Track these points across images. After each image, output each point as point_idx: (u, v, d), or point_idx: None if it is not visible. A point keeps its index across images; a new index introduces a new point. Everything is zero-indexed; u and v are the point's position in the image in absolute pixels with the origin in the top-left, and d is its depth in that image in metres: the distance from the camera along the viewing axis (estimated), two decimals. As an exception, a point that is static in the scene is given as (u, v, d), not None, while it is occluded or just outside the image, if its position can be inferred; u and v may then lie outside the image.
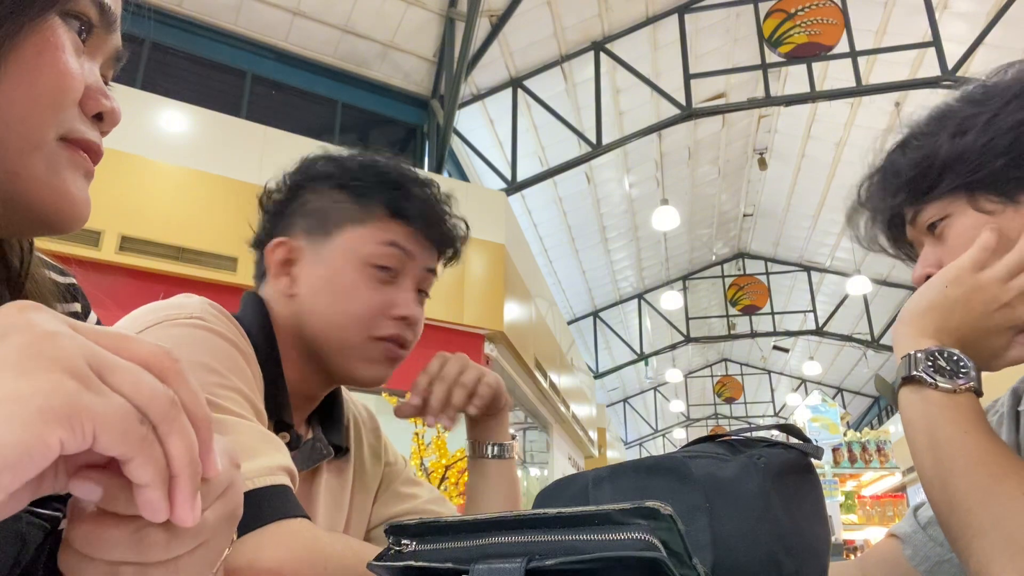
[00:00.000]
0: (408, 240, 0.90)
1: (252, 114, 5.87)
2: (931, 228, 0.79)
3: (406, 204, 0.90)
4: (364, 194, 0.89)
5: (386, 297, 0.88)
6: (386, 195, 0.89)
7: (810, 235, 11.80)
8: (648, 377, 14.64)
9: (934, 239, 0.79)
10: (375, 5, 6.22)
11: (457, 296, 5.23)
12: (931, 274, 0.77)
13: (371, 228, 0.88)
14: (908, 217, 0.82)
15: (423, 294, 0.96)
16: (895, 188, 0.82)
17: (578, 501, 0.63)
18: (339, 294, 0.86)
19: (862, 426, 16.87)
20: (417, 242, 0.92)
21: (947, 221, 0.77)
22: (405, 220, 0.90)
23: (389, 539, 0.52)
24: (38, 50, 0.41)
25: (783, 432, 0.74)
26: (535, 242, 9.60)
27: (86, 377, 0.28)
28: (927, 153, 0.78)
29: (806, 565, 0.58)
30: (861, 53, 6.66)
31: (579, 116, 7.95)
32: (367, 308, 0.87)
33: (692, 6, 7.40)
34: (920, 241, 0.83)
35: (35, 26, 0.41)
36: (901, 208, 0.83)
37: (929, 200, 0.78)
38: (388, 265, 0.88)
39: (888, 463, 7.34)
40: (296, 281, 0.88)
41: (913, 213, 0.81)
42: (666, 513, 0.42)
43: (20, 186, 0.42)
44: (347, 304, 0.86)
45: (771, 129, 9.95)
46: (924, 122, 0.83)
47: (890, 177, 0.84)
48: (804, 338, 13.97)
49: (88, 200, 0.47)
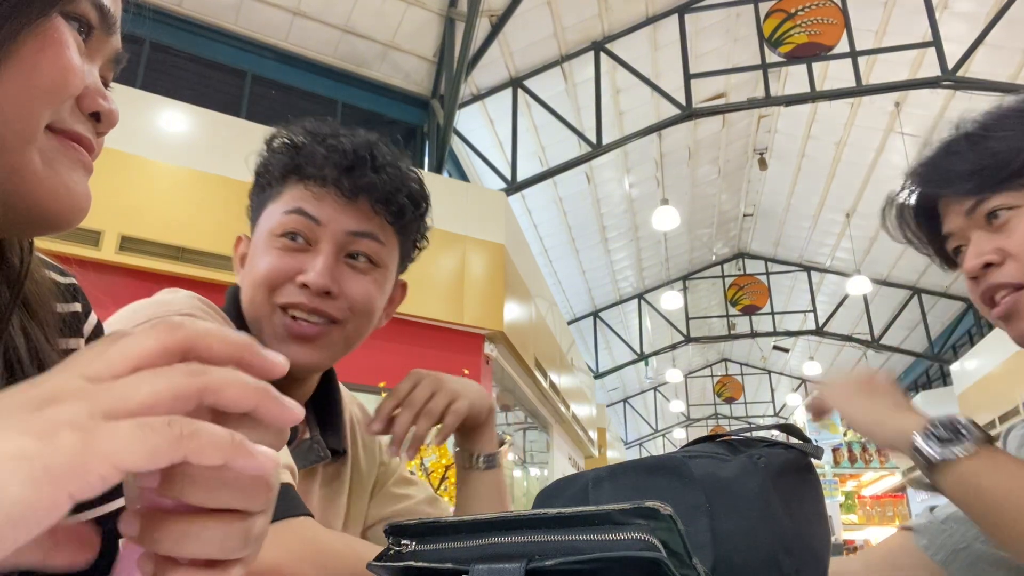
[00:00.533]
0: (318, 204, 0.82)
1: (252, 114, 5.87)
2: (990, 217, 0.79)
3: (308, 165, 0.83)
4: (270, 168, 0.85)
5: (293, 263, 0.82)
6: (287, 161, 0.84)
7: (810, 235, 11.80)
8: (648, 377, 14.63)
9: (990, 229, 0.80)
10: (375, 5, 6.22)
11: (457, 296, 5.23)
12: (991, 262, 0.79)
13: (281, 200, 0.84)
14: (965, 207, 0.81)
15: (362, 260, 0.86)
16: (957, 176, 0.82)
17: (578, 501, 0.63)
18: (252, 271, 0.84)
19: (862, 426, 16.86)
20: (330, 204, 0.82)
21: (1016, 212, 0.78)
22: (311, 181, 0.82)
23: (389, 539, 0.52)
24: (40, 47, 0.41)
25: (783, 432, 0.74)
26: (535, 242, 9.60)
27: (87, 426, 0.27)
28: (1012, 144, 0.78)
29: (806, 565, 0.58)
30: (861, 53, 6.65)
31: (579, 116, 7.95)
32: (267, 272, 0.82)
33: (692, 6, 7.40)
34: (964, 234, 0.83)
35: (36, 26, 0.41)
36: (955, 194, 0.82)
37: (1000, 190, 0.78)
38: (294, 230, 0.82)
39: (888, 463, 7.35)
40: (244, 269, 0.88)
41: (974, 202, 0.80)
42: (666, 513, 0.42)
43: (18, 182, 0.42)
44: (254, 276, 0.83)
45: (771, 129, 9.95)
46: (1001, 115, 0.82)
47: (953, 164, 0.83)
48: (804, 338, 13.97)
49: (88, 193, 0.46)
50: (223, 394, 0.30)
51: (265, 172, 0.86)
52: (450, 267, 5.31)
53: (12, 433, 0.26)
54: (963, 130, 0.84)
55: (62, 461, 0.26)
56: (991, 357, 9.04)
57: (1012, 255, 0.77)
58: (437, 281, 5.20)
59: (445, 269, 5.28)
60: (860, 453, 7.35)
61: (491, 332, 5.42)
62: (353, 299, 0.84)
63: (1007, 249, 0.77)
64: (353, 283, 0.84)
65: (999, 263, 0.78)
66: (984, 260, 0.79)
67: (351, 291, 0.83)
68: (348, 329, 0.85)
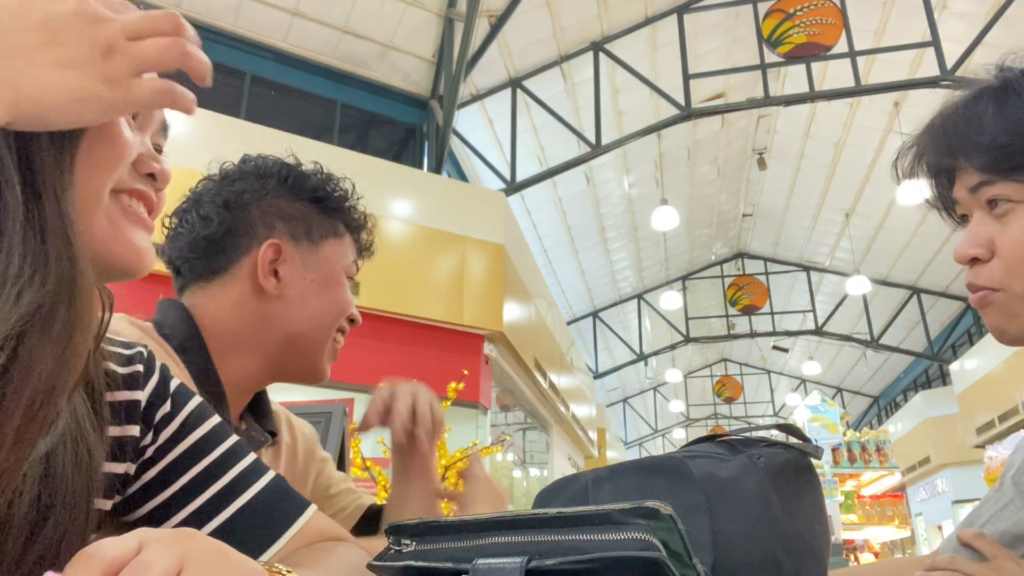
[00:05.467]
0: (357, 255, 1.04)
1: (251, 114, 5.87)
2: (991, 204, 0.73)
3: (358, 227, 1.02)
4: (335, 211, 0.98)
5: (350, 300, 1.00)
6: (348, 218, 1.01)
7: (809, 235, 11.81)
8: (648, 377, 14.64)
9: (991, 216, 0.73)
10: (374, 5, 6.22)
11: (456, 297, 5.23)
12: (977, 257, 0.73)
13: (343, 244, 0.99)
14: (971, 182, 0.73)
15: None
16: (970, 146, 0.73)
17: (578, 501, 0.63)
18: (328, 298, 0.95)
19: (861, 426, 16.88)
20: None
21: (1016, 207, 0.71)
22: (356, 239, 1.02)
23: (389, 539, 0.52)
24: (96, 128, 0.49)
25: (783, 432, 0.74)
26: (534, 242, 9.60)
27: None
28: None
29: (806, 565, 0.58)
30: (860, 53, 6.66)
31: (578, 116, 7.95)
32: (342, 309, 0.97)
33: (691, 6, 7.41)
34: (968, 208, 0.76)
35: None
36: (964, 164, 0.74)
37: (1007, 179, 0.71)
38: (352, 276, 1.01)
39: (888, 463, 7.35)
40: (283, 282, 0.91)
41: (979, 181, 0.72)
42: (666, 513, 0.42)
43: (89, 239, 0.49)
44: (332, 305, 0.95)
45: (770, 129, 9.96)
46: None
47: (972, 129, 0.73)
48: (803, 338, 13.98)
49: (150, 249, 0.54)
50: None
51: (336, 209, 0.99)
52: (449, 267, 5.31)
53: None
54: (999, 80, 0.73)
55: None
56: (991, 357, 9.04)
57: (1000, 254, 0.72)
58: (436, 281, 5.20)
59: (444, 269, 5.28)
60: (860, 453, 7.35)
61: (490, 332, 5.42)
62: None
63: (997, 245, 0.72)
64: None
65: (986, 260, 0.73)
66: (972, 254, 0.74)
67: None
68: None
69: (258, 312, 0.90)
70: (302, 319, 0.92)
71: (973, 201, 0.74)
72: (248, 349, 0.90)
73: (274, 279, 0.90)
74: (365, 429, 1.01)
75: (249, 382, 0.92)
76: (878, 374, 15.84)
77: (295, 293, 0.92)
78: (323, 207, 0.97)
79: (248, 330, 0.90)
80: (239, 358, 0.89)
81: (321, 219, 0.96)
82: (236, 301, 0.90)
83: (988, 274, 0.73)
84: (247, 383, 0.92)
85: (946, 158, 0.76)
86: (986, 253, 0.73)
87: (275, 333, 0.91)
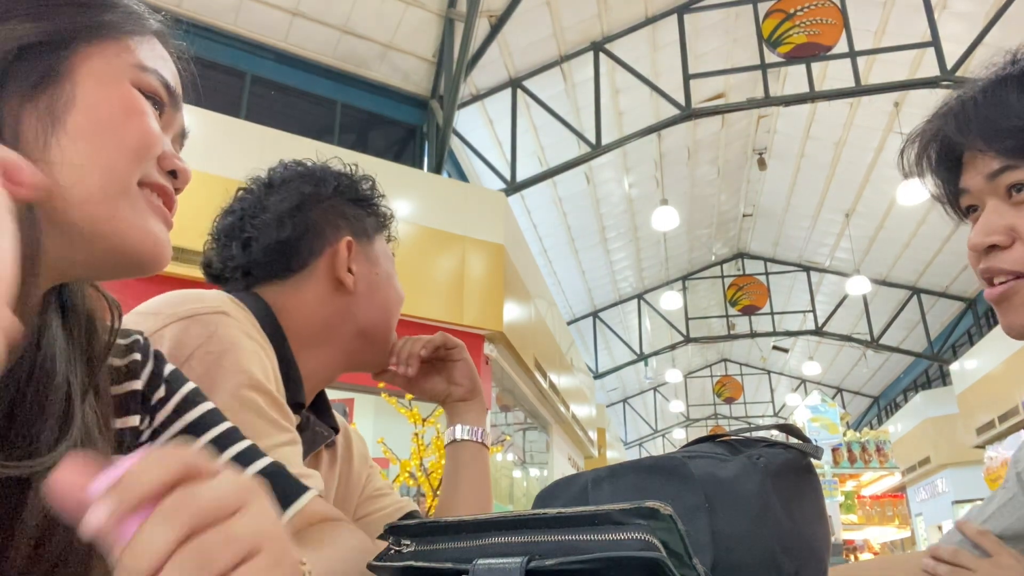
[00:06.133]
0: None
1: (252, 114, 5.87)
2: (1012, 189, 0.70)
3: (391, 221, 1.08)
4: (378, 209, 1.05)
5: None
6: (384, 215, 1.06)
7: (809, 235, 11.80)
8: (648, 377, 14.63)
9: (1007, 204, 0.71)
10: (374, 5, 6.22)
11: (456, 296, 5.23)
12: (996, 244, 0.70)
13: (385, 238, 1.05)
14: (990, 167, 0.71)
15: None
16: (992, 130, 0.70)
17: (578, 501, 0.63)
18: (391, 290, 1.02)
19: (862, 426, 16.88)
20: None
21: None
22: (389, 232, 1.08)
23: (389, 539, 0.52)
24: (126, 115, 0.51)
25: (783, 432, 0.74)
26: (534, 242, 9.60)
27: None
28: None
29: (806, 565, 0.58)
30: (860, 53, 6.66)
31: (578, 116, 7.95)
32: (402, 300, 1.04)
33: (691, 6, 7.41)
34: (980, 197, 0.73)
35: (107, 77, 0.51)
36: (985, 148, 0.71)
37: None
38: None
39: (888, 463, 7.34)
40: (356, 277, 0.97)
41: (1001, 167, 0.70)
42: (666, 513, 0.42)
43: (113, 226, 0.50)
44: (397, 296, 1.03)
45: (770, 129, 9.96)
46: None
47: (995, 112, 0.71)
48: (804, 338, 13.98)
49: (168, 243, 0.55)
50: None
51: (378, 207, 1.05)
52: (449, 267, 5.30)
53: None
54: (1022, 63, 0.72)
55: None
56: (991, 357, 9.04)
57: (1023, 238, 0.69)
58: (436, 281, 5.20)
59: (444, 269, 5.28)
60: (860, 453, 7.35)
61: (491, 332, 5.42)
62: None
63: (1020, 231, 0.69)
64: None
65: (1007, 246, 0.70)
66: (991, 240, 0.71)
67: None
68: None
69: (335, 307, 0.95)
70: (374, 311, 0.98)
71: (989, 189, 0.72)
72: (325, 343, 0.94)
73: (350, 275, 0.96)
74: (380, 375, 1.06)
75: (324, 375, 0.95)
76: (878, 374, 15.83)
77: (366, 287, 0.97)
78: (370, 206, 1.03)
79: (327, 325, 0.94)
80: (317, 352, 0.93)
81: (370, 217, 1.03)
82: (314, 298, 0.94)
83: (1013, 257, 0.70)
84: (322, 376, 0.95)
85: (965, 140, 0.73)
86: (1006, 240, 0.70)
87: (350, 326, 0.96)
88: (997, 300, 0.72)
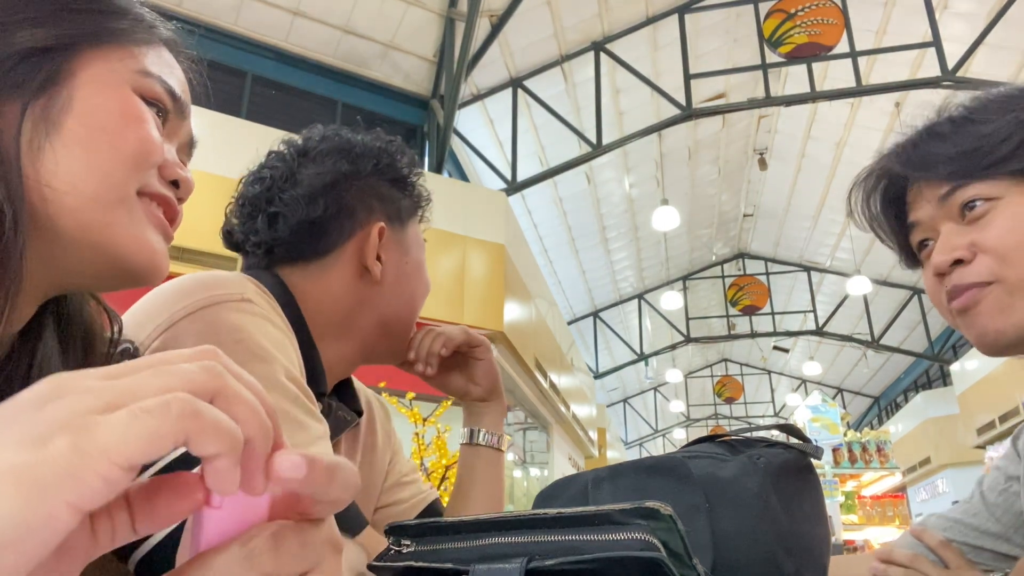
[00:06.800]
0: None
1: (252, 114, 5.87)
2: (965, 208, 0.73)
3: (426, 204, 1.00)
4: (415, 191, 0.97)
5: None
6: (421, 195, 0.98)
7: (810, 235, 11.80)
8: (648, 377, 14.63)
9: (963, 222, 0.73)
10: (375, 5, 6.22)
11: (457, 296, 5.23)
12: (962, 259, 0.72)
13: (418, 224, 0.98)
14: (939, 193, 0.75)
15: None
16: (935, 159, 0.75)
17: (578, 501, 0.63)
18: (419, 282, 0.95)
19: (862, 426, 16.87)
20: None
21: (994, 204, 0.71)
22: (423, 216, 1.00)
23: (389, 539, 0.52)
24: (124, 121, 0.50)
25: (783, 432, 0.74)
26: (535, 242, 9.60)
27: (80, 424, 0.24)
28: (998, 128, 0.72)
29: (806, 565, 0.58)
30: (861, 53, 6.66)
31: (579, 116, 7.95)
32: (428, 291, 0.97)
33: (692, 6, 7.40)
34: (934, 224, 0.76)
35: (105, 79, 0.49)
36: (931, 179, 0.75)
37: (980, 178, 0.72)
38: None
39: (888, 463, 7.34)
40: (384, 265, 0.90)
41: (950, 189, 0.74)
42: (666, 513, 0.42)
43: (106, 236, 0.49)
44: (424, 288, 0.96)
45: (771, 129, 9.95)
46: (988, 100, 0.76)
47: (934, 146, 0.76)
48: (804, 338, 13.97)
49: (166, 254, 0.54)
50: (236, 405, 0.27)
51: (415, 189, 0.97)
52: (450, 267, 5.30)
53: (4, 441, 0.24)
54: (947, 114, 0.78)
55: (52, 469, 0.23)
56: (991, 358, 9.02)
57: (985, 250, 0.71)
58: (437, 281, 5.17)
59: (445, 269, 5.27)
60: (860, 453, 7.35)
61: (491, 332, 5.42)
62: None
63: (980, 244, 0.71)
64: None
65: (969, 260, 0.72)
66: (955, 256, 0.73)
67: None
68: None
69: (359, 296, 0.88)
70: (398, 303, 0.91)
71: (942, 214, 0.75)
72: (345, 333, 0.88)
73: (378, 263, 0.89)
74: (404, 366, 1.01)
75: (342, 366, 0.89)
76: (879, 374, 15.83)
77: (393, 277, 0.90)
78: (408, 188, 0.96)
79: (348, 314, 0.87)
80: (336, 342, 0.87)
81: (405, 200, 0.95)
82: (338, 284, 0.87)
83: (978, 269, 0.72)
84: (340, 367, 0.89)
85: (911, 172, 0.78)
86: (969, 254, 0.72)
87: (372, 316, 0.89)
88: (962, 310, 0.74)
